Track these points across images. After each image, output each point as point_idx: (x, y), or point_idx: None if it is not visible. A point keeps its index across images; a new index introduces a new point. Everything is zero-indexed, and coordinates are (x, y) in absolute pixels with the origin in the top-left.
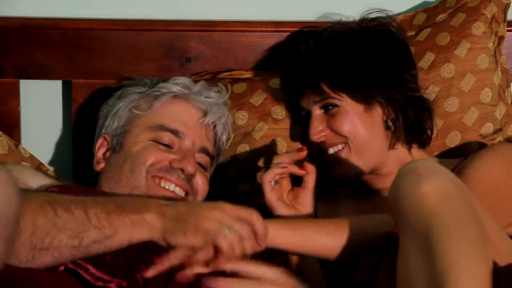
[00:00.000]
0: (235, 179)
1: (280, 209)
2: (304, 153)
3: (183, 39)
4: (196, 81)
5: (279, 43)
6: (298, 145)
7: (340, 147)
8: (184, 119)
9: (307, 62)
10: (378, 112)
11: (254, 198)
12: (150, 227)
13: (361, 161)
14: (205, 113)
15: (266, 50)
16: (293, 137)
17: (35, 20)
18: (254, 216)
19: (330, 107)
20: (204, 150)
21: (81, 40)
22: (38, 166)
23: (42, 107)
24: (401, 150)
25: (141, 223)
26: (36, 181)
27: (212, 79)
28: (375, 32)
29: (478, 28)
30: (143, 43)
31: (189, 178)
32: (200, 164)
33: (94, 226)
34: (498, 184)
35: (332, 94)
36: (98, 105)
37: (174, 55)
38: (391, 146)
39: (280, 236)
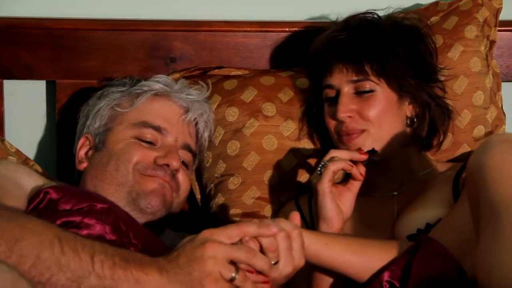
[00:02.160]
0: (225, 175)
1: (329, 200)
2: (364, 157)
3: (167, 39)
4: (184, 77)
5: (263, 43)
6: (288, 142)
7: (360, 131)
8: (167, 116)
9: (352, 39)
10: (406, 106)
11: (243, 195)
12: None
13: (377, 148)
14: (187, 110)
15: (250, 50)
16: (283, 134)
17: (20, 20)
18: (294, 232)
19: (363, 91)
20: (186, 147)
21: (66, 40)
22: (24, 161)
23: (26, 107)
24: (411, 149)
25: (144, 283)
26: (31, 181)
27: (202, 76)
28: (413, 29)
29: (471, 31)
30: (128, 43)
31: (173, 174)
32: (182, 162)
33: (97, 273)
34: None
35: (372, 77)
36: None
37: (158, 55)
38: (405, 144)
39: (312, 248)
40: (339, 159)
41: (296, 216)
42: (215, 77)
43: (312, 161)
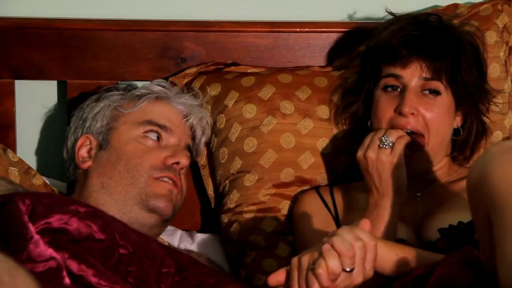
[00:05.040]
0: (241, 172)
1: (404, 169)
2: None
3: (178, 40)
4: (201, 73)
5: (274, 43)
6: (306, 140)
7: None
8: (170, 117)
9: (429, 37)
10: (458, 117)
11: (259, 192)
12: None
13: (430, 155)
14: (187, 114)
15: (261, 51)
16: (301, 132)
17: (30, 21)
18: (371, 244)
19: (429, 91)
20: (188, 149)
21: (76, 40)
22: (26, 170)
23: (37, 107)
24: (446, 159)
25: None
26: None
27: (218, 72)
28: (481, 51)
29: (490, 37)
30: (138, 43)
31: (179, 173)
32: None
33: None
34: None
35: (443, 80)
36: None
37: (169, 55)
38: (446, 153)
39: (382, 259)
40: (399, 131)
41: (367, 224)
42: (232, 74)
43: (329, 159)
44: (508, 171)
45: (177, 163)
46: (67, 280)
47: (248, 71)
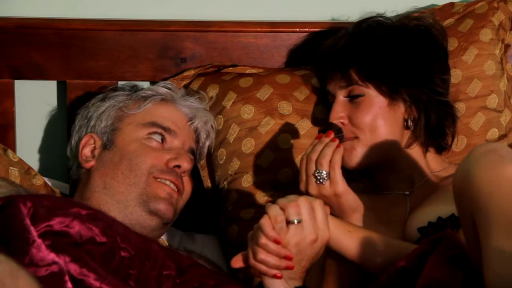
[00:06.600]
0: (239, 173)
1: (352, 193)
2: (336, 140)
3: (178, 40)
4: (199, 74)
5: (273, 43)
6: (304, 140)
7: (351, 139)
8: (174, 120)
9: (341, 47)
10: (400, 109)
11: (257, 193)
12: None
13: (369, 153)
14: (192, 117)
15: (261, 51)
16: (299, 133)
17: (30, 21)
18: (316, 201)
19: (355, 96)
20: (192, 152)
21: (76, 40)
22: (27, 171)
23: (37, 107)
24: (416, 150)
25: None
26: None
27: (216, 73)
28: (415, 31)
29: (486, 34)
30: (138, 43)
31: (181, 176)
32: None
33: None
34: None
35: (360, 82)
36: None
37: (169, 55)
38: (407, 146)
39: (334, 233)
40: (327, 154)
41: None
42: (230, 75)
43: None
44: (492, 173)
45: (179, 166)
46: (69, 285)
47: (246, 72)
